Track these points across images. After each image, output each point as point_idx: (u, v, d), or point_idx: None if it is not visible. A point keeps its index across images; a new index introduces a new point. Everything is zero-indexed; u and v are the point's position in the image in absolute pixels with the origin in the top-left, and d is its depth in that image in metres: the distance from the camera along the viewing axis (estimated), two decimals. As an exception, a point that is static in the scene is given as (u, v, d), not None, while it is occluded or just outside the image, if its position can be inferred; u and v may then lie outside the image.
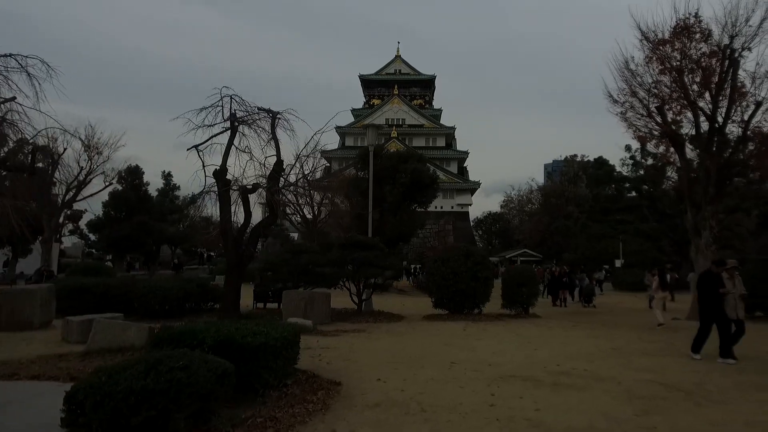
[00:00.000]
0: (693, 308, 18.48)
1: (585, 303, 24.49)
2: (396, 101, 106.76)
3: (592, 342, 12.27)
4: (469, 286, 16.98)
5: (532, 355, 10.37)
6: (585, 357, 10.22)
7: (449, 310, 17.62)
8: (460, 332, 13.66)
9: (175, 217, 59.65)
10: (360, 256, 16.66)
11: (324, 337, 12.25)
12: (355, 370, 8.55)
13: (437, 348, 11.05)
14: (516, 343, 11.82)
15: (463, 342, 11.94)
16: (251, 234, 14.78)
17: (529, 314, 18.86)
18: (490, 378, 8.13)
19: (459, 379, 7.99)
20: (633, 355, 10.49)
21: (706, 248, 18.14)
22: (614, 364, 9.58)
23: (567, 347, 11.42)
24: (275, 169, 14.40)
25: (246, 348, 6.24)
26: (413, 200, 33.80)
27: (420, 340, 12.20)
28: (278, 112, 14.69)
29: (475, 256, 17.38)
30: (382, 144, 33.67)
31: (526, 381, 8.00)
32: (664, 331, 14.82)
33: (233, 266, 14.59)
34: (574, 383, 7.91)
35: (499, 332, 13.75)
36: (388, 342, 11.77)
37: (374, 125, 19.37)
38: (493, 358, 9.93)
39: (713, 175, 18.10)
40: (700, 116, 18.65)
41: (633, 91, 19.74)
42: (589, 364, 9.53)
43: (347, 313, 17.25)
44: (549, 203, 69.76)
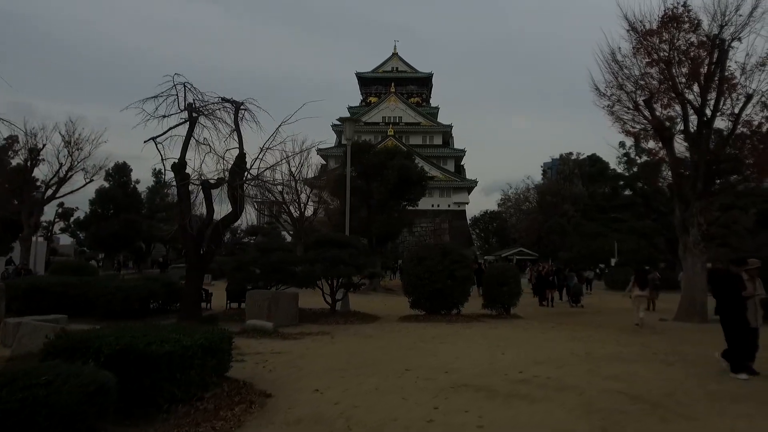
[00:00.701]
0: (681, 309, 17.82)
1: (572, 303, 23.77)
2: (393, 99, 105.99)
3: (567, 345, 11.56)
4: (446, 285, 16.27)
5: (498, 360, 9.66)
6: (554, 362, 9.52)
7: (426, 310, 16.92)
8: (430, 334, 12.96)
9: (164, 215, 58.92)
10: (331, 255, 15.94)
11: (282, 341, 11.55)
12: (295, 379, 7.85)
13: (398, 352, 10.35)
14: (484, 347, 11.11)
15: (428, 346, 11.24)
16: (213, 231, 14.07)
17: (510, 315, 18.16)
18: (440, 387, 7.41)
19: (405, 389, 7.28)
20: (605, 361, 9.78)
21: (695, 246, 17.43)
22: (583, 370, 8.87)
23: (538, 351, 10.71)
24: (237, 163, 13.69)
25: (148, 357, 5.53)
26: (401, 197, 33.05)
27: (383, 343, 11.49)
28: (242, 102, 13.98)
29: (453, 254, 16.66)
30: (369, 140, 32.85)
31: (479, 391, 7.29)
32: (645, 334, 14.11)
33: (193, 265, 13.88)
34: (531, 394, 7.20)
35: (472, 334, 13.04)
36: (348, 346, 11.07)
37: (352, 119, 18.63)
38: (453, 363, 9.22)
39: (701, 169, 17.38)
40: (689, 109, 17.94)
41: (620, 84, 19.02)
42: (556, 370, 8.82)
43: (319, 314, 16.54)
44: (545, 201, 69.00)
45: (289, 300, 14.47)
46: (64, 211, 62.41)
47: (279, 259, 16.42)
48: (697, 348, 11.69)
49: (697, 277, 17.31)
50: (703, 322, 16.84)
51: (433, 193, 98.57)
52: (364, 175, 32.35)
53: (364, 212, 33.13)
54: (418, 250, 17.22)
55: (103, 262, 48.82)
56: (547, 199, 64.76)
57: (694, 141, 17.71)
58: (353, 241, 17.03)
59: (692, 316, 17.06)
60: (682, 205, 18.08)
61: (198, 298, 14.05)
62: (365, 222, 32.57)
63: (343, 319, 15.64)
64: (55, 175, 30.74)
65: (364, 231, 32.50)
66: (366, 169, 32.00)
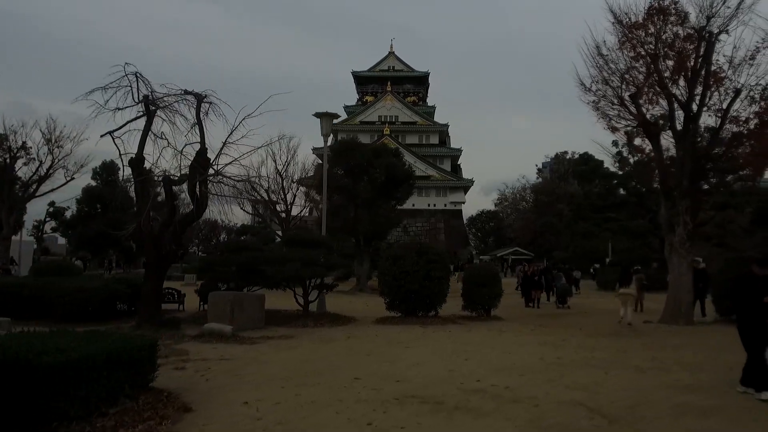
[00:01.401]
0: (666, 310, 17.24)
1: (559, 304, 23.17)
2: (389, 98, 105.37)
3: (538, 350, 10.97)
4: (422, 286, 15.68)
5: (458, 367, 9.07)
6: (518, 370, 8.93)
7: (402, 312, 16.33)
8: (399, 338, 12.38)
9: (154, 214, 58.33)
10: (302, 255, 15.35)
11: (238, 346, 10.96)
12: (230, 389, 7.25)
13: (356, 359, 9.76)
14: (449, 352, 10.52)
15: (392, 351, 10.65)
16: (174, 230, 13.48)
17: (490, 316, 17.57)
18: (383, 399, 6.82)
19: (344, 402, 6.69)
20: (574, 367, 9.19)
21: (681, 245, 16.81)
22: (546, 378, 8.28)
23: (506, 357, 10.12)
24: (197, 158, 13.09)
25: (37, 369, 4.93)
26: (388, 196, 32.44)
27: (344, 348, 10.90)
28: (204, 95, 13.38)
29: (429, 253, 16.07)
30: (355, 138, 32.27)
31: (424, 403, 6.70)
32: (625, 337, 13.52)
33: (152, 266, 13.28)
34: (481, 407, 6.61)
35: (442, 338, 12.45)
36: (306, 351, 10.47)
37: (328, 114, 18.05)
38: (408, 371, 8.63)
39: (687, 167, 16.78)
40: (675, 105, 17.34)
41: (605, 79, 18.42)
42: (518, 378, 8.24)
43: (290, 317, 15.96)
44: (539, 201, 68.48)
45: (254, 302, 13.88)
46: (56, 210, 61.78)
47: (247, 259, 15.82)
48: (676, 353, 11.11)
49: (683, 278, 16.71)
50: (689, 324, 16.27)
51: (430, 193, 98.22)
52: (350, 173, 31.74)
53: (351, 211, 32.54)
54: (394, 250, 16.61)
55: (90, 262, 48.20)
56: (541, 198, 64.16)
57: (680, 137, 17.11)
58: (326, 241, 16.43)
59: (677, 318, 16.47)
60: (668, 204, 17.50)
61: (157, 301, 13.46)
62: (352, 221, 31.97)
63: (313, 321, 15.04)
64: (35, 173, 30.12)
65: (350, 230, 31.95)
66: (352, 168, 31.38)
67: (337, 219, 32.81)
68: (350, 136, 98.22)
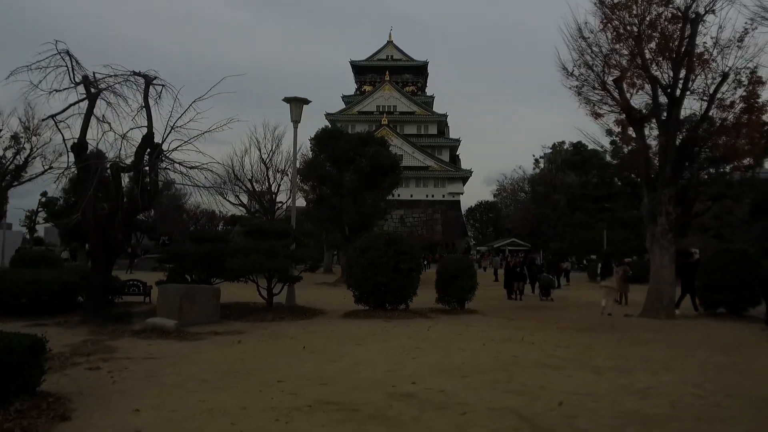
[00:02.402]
0: (647, 304, 16.52)
1: (542, 296, 22.48)
2: (387, 88, 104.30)
3: (497, 348, 10.27)
4: (390, 278, 14.97)
5: (400, 367, 8.38)
6: (463, 370, 8.24)
7: (370, 305, 15.65)
8: (357, 334, 11.71)
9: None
10: (264, 246, 14.67)
11: (176, 342, 10.30)
12: (131, 394, 6.57)
13: (295, 357, 9.08)
14: (400, 350, 9.83)
15: (338, 349, 9.97)
16: (122, 219, 12.80)
17: (464, 310, 16.88)
18: (295, 407, 6.14)
19: (248, 410, 6.00)
20: (527, 367, 8.49)
21: (662, 236, 16.06)
22: (491, 380, 7.59)
23: (458, 355, 9.43)
24: (142, 144, 12.39)
25: None
26: (375, 186, 31.68)
27: (290, 346, 10.22)
28: (154, 77, 12.67)
29: (398, 244, 15.35)
30: (338, 127, 31.50)
31: (339, 411, 6.01)
32: (600, 331, 12.80)
33: (98, 257, 12.63)
34: (399, 415, 5.92)
35: (401, 334, 11.76)
36: (246, 349, 9.79)
37: (298, 98, 17.31)
38: (343, 372, 7.95)
39: (670, 153, 15.99)
40: (659, 90, 16.53)
41: (587, 63, 17.61)
42: (459, 380, 7.54)
43: (253, 310, 15.30)
44: (536, 192, 67.58)
45: (208, 295, 13.20)
46: (48, 200, 61.21)
47: (207, 251, 15.14)
48: (646, 350, 10.42)
49: (665, 270, 15.96)
50: (670, 318, 15.55)
51: (428, 183, 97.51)
52: (335, 163, 31.01)
53: (336, 201, 31.85)
54: (362, 241, 15.91)
55: (78, 252, 47.59)
56: (537, 189, 63.26)
57: (663, 123, 16.32)
58: (290, 231, 15.71)
59: (658, 312, 15.74)
60: (650, 193, 16.73)
61: (105, 293, 12.80)
62: (337, 212, 31.28)
63: (273, 315, 14.37)
64: (11, 162, 29.44)
65: (335, 221, 31.28)
66: (337, 157, 30.64)
67: (323, 209, 32.18)
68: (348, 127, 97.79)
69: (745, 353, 10.27)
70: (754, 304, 15.71)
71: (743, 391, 7.31)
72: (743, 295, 15.49)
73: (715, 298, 16.06)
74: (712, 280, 15.98)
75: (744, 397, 6.96)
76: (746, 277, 15.38)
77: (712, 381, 7.84)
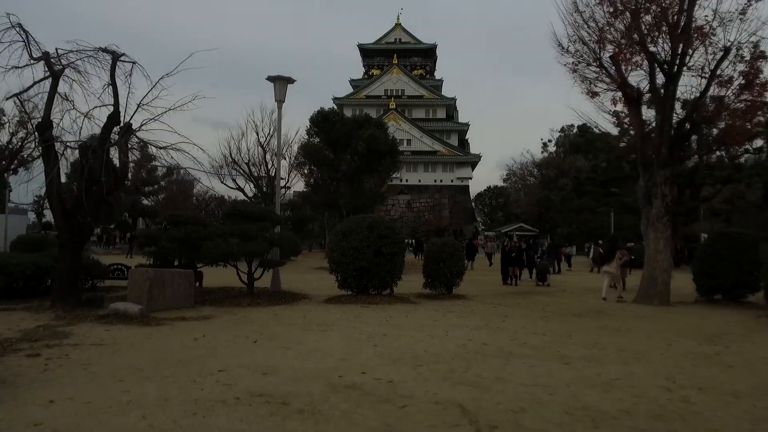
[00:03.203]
0: (641, 290, 15.96)
1: (538, 281, 21.92)
2: (395, 71, 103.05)
3: (470, 334, 9.80)
4: (371, 263, 14.51)
5: (355, 356, 7.93)
6: (423, 359, 7.77)
7: (353, 290, 15.22)
8: (325, 320, 11.28)
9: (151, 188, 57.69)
10: (241, 229, 14.25)
11: (134, 328, 9.92)
12: (54, 384, 6.19)
13: (249, 344, 8.67)
14: (365, 337, 9.38)
15: (300, 336, 9.54)
16: (90, 202, 12.42)
17: (452, 295, 16.42)
18: (222, 399, 5.72)
19: (169, 402, 5.58)
20: (491, 356, 8.00)
21: (657, 220, 15.42)
22: (446, 370, 7.11)
23: (423, 343, 8.96)
24: (109, 123, 11.96)
25: None
26: (372, 169, 31.12)
27: (251, 332, 9.80)
28: (122, 53, 12.19)
29: (380, 228, 14.84)
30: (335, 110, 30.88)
31: (267, 404, 5.57)
32: (582, 318, 12.27)
33: (65, 241, 12.27)
34: (331, 409, 5.47)
35: (373, 321, 11.31)
36: (199, 336, 9.34)
37: (282, 78, 16.81)
38: (292, 361, 7.52)
39: (666, 132, 15.29)
40: (656, 67, 15.79)
41: (581, 38, 16.87)
42: (411, 370, 7.08)
43: (233, 295, 14.95)
44: (545, 176, 66.55)
45: (180, 280, 12.82)
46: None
47: (185, 234, 14.77)
48: (627, 339, 9.90)
49: (660, 255, 15.35)
50: (664, 304, 14.97)
51: (436, 168, 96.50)
52: (332, 146, 30.48)
53: (333, 185, 31.39)
54: (343, 225, 15.43)
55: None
56: (544, 173, 62.25)
57: (660, 101, 15.60)
58: (268, 214, 15.27)
59: (652, 298, 15.17)
60: (646, 174, 16.05)
61: (74, 278, 12.46)
62: (334, 196, 30.83)
63: (251, 300, 13.99)
64: (6, 146, 29.27)
65: (331, 205, 30.85)
66: (333, 140, 30.11)
67: (320, 193, 31.75)
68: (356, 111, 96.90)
69: (731, 342, 9.70)
70: (753, 290, 15.07)
71: (717, 383, 6.79)
72: (741, 280, 14.85)
73: (712, 284, 15.44)
74: (708, 265, 15.36)
75: (716, 391, 6.44)
76: (744, 262, 14.73)
77: (686, 373, 7.32)
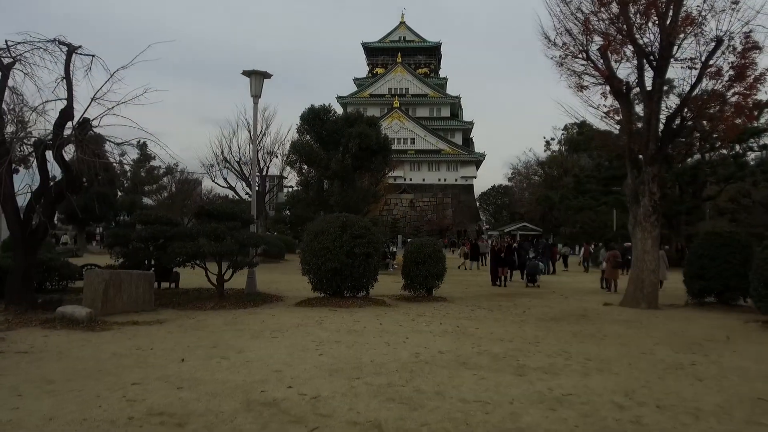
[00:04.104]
0: (628, 292, 15.26)
1: (528, 282, 21.25)
2: (399, 69, 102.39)
3: (430, 341, 9.18)
4: (343, 264, 13.92)
5: (293, 366, 7.34)
6: (364, 369, 7.17)
7: (326, 293, 14.64)
8: (283, 326, 10.71)
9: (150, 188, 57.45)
10: (208, 229, 13.71)
11: (75, 333, 9.39)
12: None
13: (179, 353, 8.09)
14: (314, 345, 8.78)
15: (244, 343, 8.96)
16: (45, 202, 11.94)
17: (432, 297, 15.82)
18: (115, 419, 5.15)
19: (55, 422, 5.03)
20: (438, 368, 7.38)
21: (645, 219, 14.72)
22: (383, 384, 6.50)
23: (374, 351, 8.36)
24: (60, 119, 11.45)
25: None
26: (362, 168, 30.52)
27: (196, 338, 9.25)
28: (78, 45, 11.71)
29: (354, 227, 14.25)
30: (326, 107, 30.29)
31: (163, 426, 5.00)
32: (560, 323, 11.58)
33: (18, 242, 11.77)
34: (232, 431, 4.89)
35: (332, 326, 10.72)
36: (136, 343, 8.76)
37: (258, 72, 16.30)
38: (220, 373, 6.95)
39: (654, 127, 14.59)
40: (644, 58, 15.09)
41: (568, 30, 16.18)
42: (345, 383, 6.48)
43: (203, 297, 14.44)
44: (548, 175, 65.67)
45: (139, 282, 12.29)
46: (54, 185, 61.25)
47: (152, 233, 14.25)
48: (597, 346, 9.25)
49: (648, 255, 14.64)
50: (651, 308, 14.27)
51: (440, 167, 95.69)
52: (322, 143, 29.90)
53: (324, 184, 30.83)
54: (315, 223, 14.85)
55: (77, 238, 47.58)
56: (547, 171, 61.37)
57: (648, 95, 14.89)
58: (239, 214, 14.72)
59: (639, 301, 14.48)
60: (633, 171, 15.36)
61: (27, 279, 11.97)
62: (324, 194, 30.28)
63: (216, 303, 13.45)
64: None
65: (322, 204, 30.28)
66: (323, 138, 29.54)
67: (312, 192, 31.19)
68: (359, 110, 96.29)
69: (711, 350, 9.02)
70: (745, 294, 14.31)
71: (680, 400, 6.14)
72: (733, 283, 14.10)
73: (703, 286, 14.71)
74: (699, 266, 14.63)
75: (675, 410, 5.79)
76: (736, 263, 13.99)
77: (650, 386, 6.68)
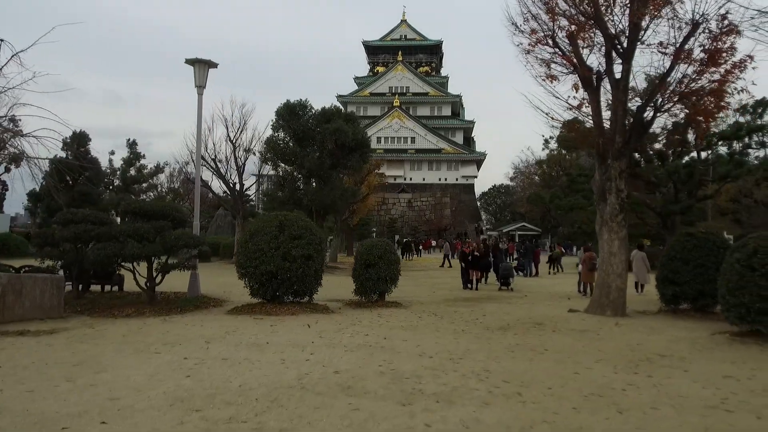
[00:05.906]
0: (594, 298, 14.03)
1: (502, 285, 20.02)
2: (400, 68, 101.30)
3: (336, 358, 8.00)
4: (280, 267, 12.76)
5: (134, 394, 6.20)
6: (224, 396, 6.01)
7: (264, 298, 13.47)
8: (181, 338, 9.58)
9: (139, 187, 56.61)
10: (132, 229, 12.61)
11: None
12: None
13: (28, 373, 6.99)
14: (192, 363, 7.63)
15: (117, 360, 7.84)
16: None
17: (384, 302, 14.64)
18: None
19: None
20: (315, 394, 6.22)
21: (612, 219, 13.47)
22: (226, 417, 5.35)
23: (255, 372, 7.19)
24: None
25: None
26: (339, 166, 29.35)
27: (68, 354, 8.13)
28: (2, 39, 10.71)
29: (293, 228, 13.09)
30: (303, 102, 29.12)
31: None
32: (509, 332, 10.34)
33: None
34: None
35: (243, 338, 9.57)
36: (2, 358, 7.72)
37: (202, 60, 15.22)
38: (34, 402, 5.82)
39: (620, 118, 13.34)
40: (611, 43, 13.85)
41: (534, 16, 14.97)
42: (172, 418, 5.33)
43: (130, 302, 13.37)
44: (546, 174, 64.28)
45: (44, 286, 11.20)
46: (43, 184, 60.60)
47: (75, 234, 13.17)
48: (529, 363, 8.04)
49: (614, 258, 13.37)
50: (618, 315, 13.00)
51: (441, 167, 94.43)
52: (297, 140, 28.76)
53: (300, 182, 29.72)
54: (253, 223, 13.73)
55: (31, 237, 46.79)
56: (546, 170, 60.00)
57: (615, 82, 13.65)
58: (171, 213, 13.59)
59: (605, 308, 13.21)
60: (602, 167, 14.11)
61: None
62: (298, 193, 29.16)
63: (134, 309, 12.36)
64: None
65: (297, 203, 29.13)
66: (298, 134, 28.40)
67: (284, 190, 30.10)
68: (360, 109, 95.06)
69: (659, 371, 7.78)
70: (718, 301, 13.01)
71: (584, 440, 4.94)
72: (707, 289, 12.79)
73: (676, 292, 13.42)
74: (671, 270, 13.36)
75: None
76: (710, 267, 12.69)
77: (555, 421, 5.47)
